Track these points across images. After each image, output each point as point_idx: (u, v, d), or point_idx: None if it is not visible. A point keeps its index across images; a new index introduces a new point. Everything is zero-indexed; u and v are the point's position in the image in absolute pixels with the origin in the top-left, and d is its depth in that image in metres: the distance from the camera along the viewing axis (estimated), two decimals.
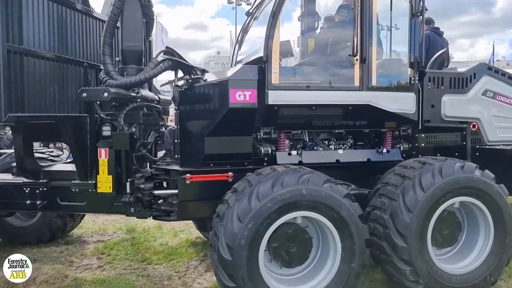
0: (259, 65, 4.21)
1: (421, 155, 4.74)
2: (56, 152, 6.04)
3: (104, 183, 4.37)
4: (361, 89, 4.43)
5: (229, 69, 4.66)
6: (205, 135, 4.24)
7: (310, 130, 4.66)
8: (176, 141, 4.52)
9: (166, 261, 5.34)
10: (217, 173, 4.26)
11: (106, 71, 4.43)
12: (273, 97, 4.17)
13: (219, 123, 4.18)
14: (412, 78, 4.66)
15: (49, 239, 6.03)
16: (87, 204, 4.58)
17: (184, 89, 4.39)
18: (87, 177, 4.49)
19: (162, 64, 4.39)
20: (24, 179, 4.72)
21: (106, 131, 4.46)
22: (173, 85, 4.57)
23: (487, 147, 5.06)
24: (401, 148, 4.86)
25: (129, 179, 4.41)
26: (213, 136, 4.23)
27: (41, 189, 4.65)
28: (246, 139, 4.36)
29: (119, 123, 4.35)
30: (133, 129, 4.46)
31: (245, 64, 4.68)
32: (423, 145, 4.85)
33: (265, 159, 4.43)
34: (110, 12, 4.37)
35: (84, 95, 4.06)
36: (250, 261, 3.53)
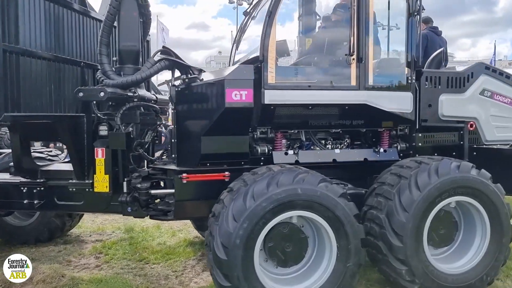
0: (256, 65, 4.21)
1: (419, 155, 4.72)
2: (55, 152, 6.05)
3: (101, 182, 4.36)
4: (358, 88, 4.43)
5: (225, 68, 4.66)
6: (202, 134, 4.25)
7: (307, 130, 4.66)
8: (173, 140, 4.54)
9: (164, 261, 5.34)
10: (214, 172, 4.26)
11: (102, 71, 4.44)
12: (269, 97, 4.17)
13: (216, 122, 4.18)
14: (409, 78, 4.65)
15: (47, 238, 6.04)
16: (84, 203, 4.58)
17: (181, 89, 4.40)
18: (84, 176, 4.49)
19: (158, 63, 4.39)
20: (21, 179, 4.73)
21: (103, 130, 4.45)
22: (170, 85, 4.57)
23: (484, 146, 5.04)
24: (398, 148, 4.86)
25: (126, 179, 4.40)
26: (209, 135, 4.24)
27: (39, 188, 4.64)
28: (242, 138, 4.36)
29: (116, 122, 4.35)
30: (130, 128, 4.46)
31: (242, 63, 4.68)
32: (420, 144, 4.84)
33: (261, 158, 4.43)
34: (107, 12, 4.37)
35: (81, 94, 4.07)
36: (245, 261, 3.53)
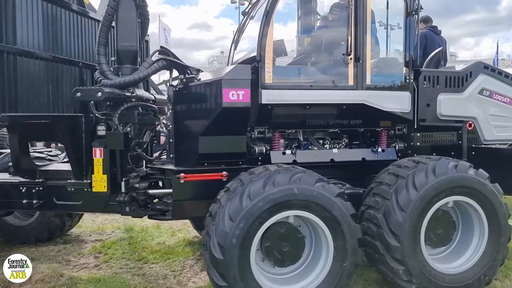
0: (253, 65, 4.21)
1: (417, 154, 4.71)
2: (55, 152, 6.06)
3: (99, 182, 4.38)
4: (356, 88, 4.42)
5: (223, 68, 4.66)
6: (200, 134, 4.25)
7: (304, 130, 4.65)
8: (171, 140, 4.54)
9: (162, 260, 5.35)
10: (212, 172, 4.26)
11: (101, 71, 4.45)
12: (266, 97, 4.17)
13: (213, 122, 4.19)
14: (407, 77, 4.64)
15: (47, 238, 6.06)
16: (82, 203, 4.59)
17: (179, 89, 4.40)
18: (82, 176, 4.49)
19: (156, 63, 4.40)
20: (20, 179, 4.75)
21: (101, 130, 4.46)
22: (168, 85, 4.58)
23: (483, 146, 5.02)
24: (396, 147, 4.85)
25: (124, 179, 4.42)
26: (207, 135, 4.25)
27: (37, 188, 4.65)
28: (240, 138, 4.36)
29: (114, 122, 4.36)
30: (128, 128, 4.47)
31: (239, 63, 4.68)
32: (418, 144, 4.83)
33: (259, 158, 4.43)
34: (104, 12, 4.39)
35: (78, 94, 4.08)
36: (241, 260, 3.54)
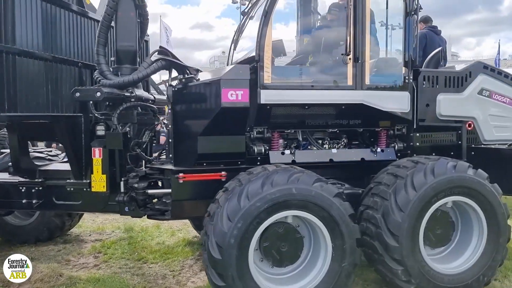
0: (252, 65, 4.22)
1: (416, 154, 4.70)
2: (55, 152, 6.07)
3: (98, 182, 4.38)
4: (355, 88, 4.42)
5: (222, 68, 4.67)
6: (198, 134, 4.26)
7: (303, 130, 4.65)
8: (170, 140, 4.54)
9: (162, 260, 5.35)
10: (211, 172, 4.27)
11: (100, 71, 4.45)
12: (265, 97, 4.18)
13: (212, 122, 4.20)
14: (407, 77, 4.64)
15: (47, 238, 6.07)
16: (82, 203, 4.60)
17: (178, 89, 4.40)
18: (81, 176, 4.50)
19: (155, 64, 4.40)
20: (20, 179, 4.75)
21: (100, 130, 4.46)
22: (167, 85, 4.58)
23: (483, 146, 5.01)
24: (395, 147, 4.85)
25: (123, 179, 4.42)
26: (206, 135, 4.25)
27: (37, 188, 4.67)
28: (239, 138, 4.36)
29: (113, 122, 4.36)
30: (127, 128, 4.47)
31: (238, 63, 4.68)
32: (418, 144, 4.82)
33: (258, 158, 4.43)
34: (104, 12, 4.39)
35: (77, 94, 4.08)
36: (239, 260, 3.54)
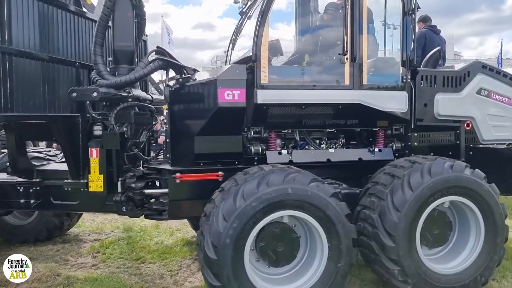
0: (248, 64, 4.21)
1: (414, 154, 4.69)
2: (54, 152, 6.08)
3: (96, 182, 4.39)
4: (352, 88, 4.41)
5: (219, 68, 4.66)
6: (195, 134, 4.26)
7: (300, 129, 4.64)
8: (167, 140, 4.55)
9: (160, 260, 5.35)
10: (208, 172, 4.26)
11: (97, 71, 4.45)
12: (262, 96, 4.17)
13: (209, 122, 4.20)
14: (404, 77, 4.62)
15: (46, 237, 6.08)
16: (79, 203, 4.61)
17: (175, 89, 4.40)
18: (79, 176, 4.51)
19: (152, 63, 4.40)
20: (18, 178, 4.77)
21: (98, 130, 4.47)
22: (164, 85, 4.58)
23: (481, 146, 4.99)
24: (393, 147, 4.84)
25: (120, 178, 4.42)
26: (203, 135, 4.25)
27: (35, 188, 4.69)
28: (236, 138, 4.36)
29: (110, 122, 4.36)
30: (124, 128, 4.48)
31: (235, 63, 4.68)
32: (415, 144, 4.81)
33: (255, 158, 4.43)
34: (101, 13, 4.39)
35: (74, 94, 4.09)
36: (235, 260, 3.53)
